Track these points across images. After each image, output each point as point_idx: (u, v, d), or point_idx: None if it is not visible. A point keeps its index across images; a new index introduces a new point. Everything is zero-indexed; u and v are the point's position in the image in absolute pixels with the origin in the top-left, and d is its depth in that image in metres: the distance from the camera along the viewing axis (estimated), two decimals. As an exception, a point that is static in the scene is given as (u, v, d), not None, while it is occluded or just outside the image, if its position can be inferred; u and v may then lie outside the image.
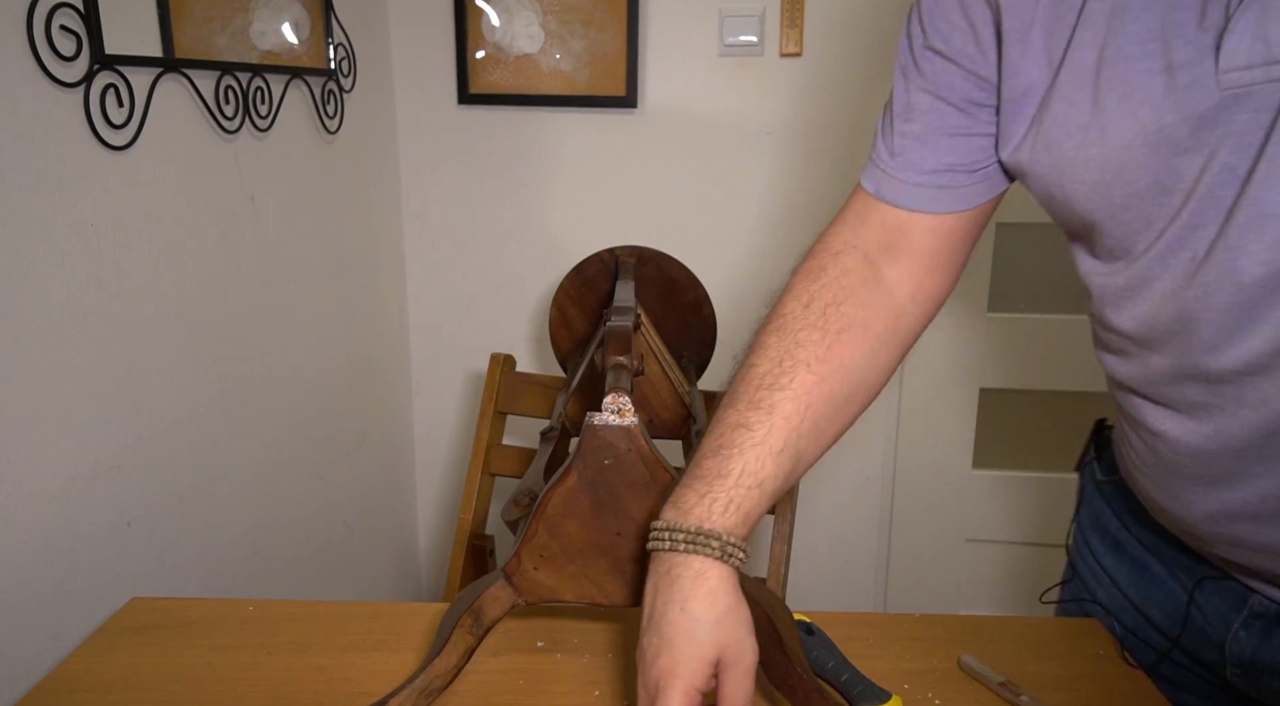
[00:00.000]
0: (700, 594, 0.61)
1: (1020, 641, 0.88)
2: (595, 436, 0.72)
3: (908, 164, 0.71)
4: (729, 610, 0.62)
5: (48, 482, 0.92)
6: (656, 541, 0.64)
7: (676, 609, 0.61)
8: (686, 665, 0.60)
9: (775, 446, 0.65)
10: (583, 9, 1.68)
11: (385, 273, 1.78)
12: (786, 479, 0.67)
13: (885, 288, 0.73)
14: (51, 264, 0.91)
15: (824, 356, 0.69)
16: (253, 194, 1.27)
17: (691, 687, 0.60)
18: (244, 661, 0.84)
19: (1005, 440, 1.96)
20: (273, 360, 1.34)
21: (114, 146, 0.99)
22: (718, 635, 0.61)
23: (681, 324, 1.30)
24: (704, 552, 0.62)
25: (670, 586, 0.62)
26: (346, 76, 1.53)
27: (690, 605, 0.61)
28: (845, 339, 0.70)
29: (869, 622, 0.92)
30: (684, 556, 0.62)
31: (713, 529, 0.62)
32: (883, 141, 0.73)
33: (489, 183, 1.82)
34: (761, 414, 0.66)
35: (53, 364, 0.92)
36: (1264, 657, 0.69)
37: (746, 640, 0.62)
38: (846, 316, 0.70)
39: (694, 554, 0.62)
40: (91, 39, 0.93)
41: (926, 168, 0.70)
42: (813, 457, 0.70)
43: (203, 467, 1.18)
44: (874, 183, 0.73)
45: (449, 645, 0.76)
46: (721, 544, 0.62)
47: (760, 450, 0.65)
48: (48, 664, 0.91)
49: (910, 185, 0.71)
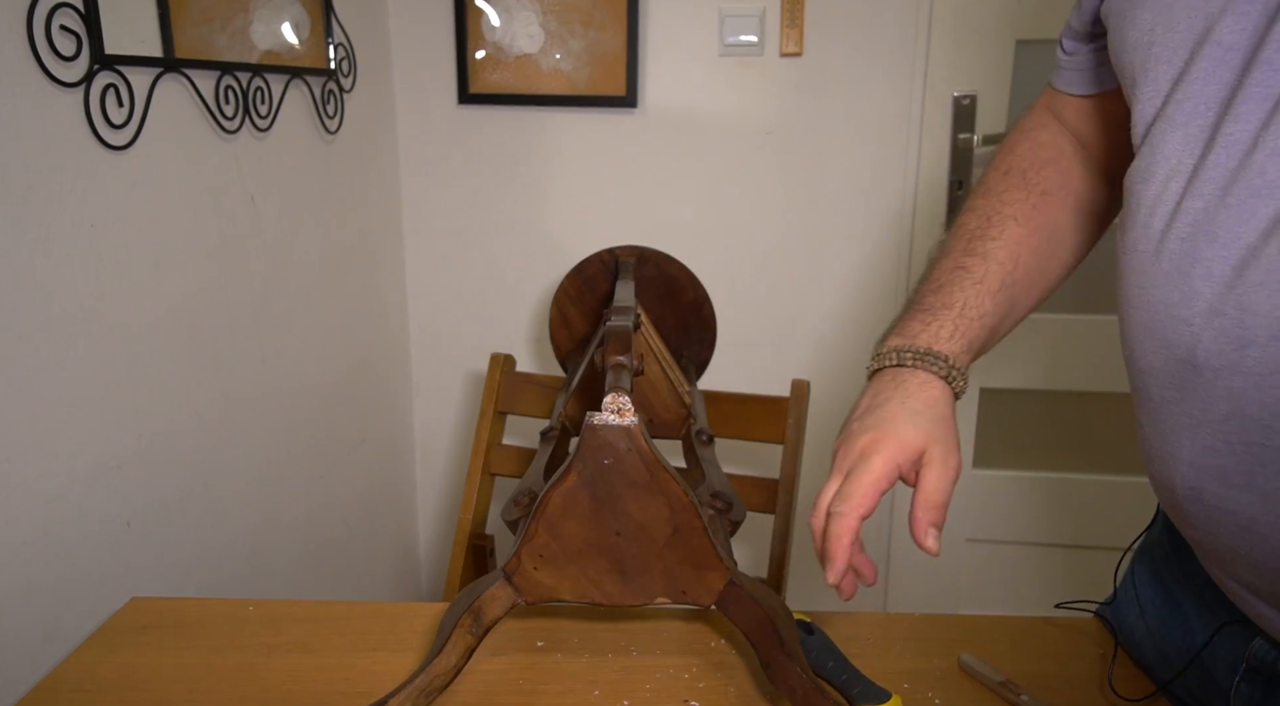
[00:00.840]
0: (924, 395, 0.64)
1: (1020, 641, 0.88)
2: (595, 436, 0.72)
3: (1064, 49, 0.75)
4: (946, 418, 0.64)
5: (48, 482, 0.92)
6: (882, 359, 0.67)
7: (898, 402, 0.63)
8: (897, 440, 0.62)
9: (993, 286, 0.69)
10: (583, 9, 1.69)
11: (385, 273, 1.78)
12: (1003, 319, 0.70)
13: (1081, 159, 0.76)
14: (51, 264, 0.91)
15: (1030, 214, 0.72)
16: (253, 194, 1.27)
17: (893, 460, 0.61)
18: (244, 661, 0.84)
19: (1005, 440, 1.96)
20: (273, 360, 1.34)
21: (114, 146, 0.99)
22: (933, 431, 0.62)
23: (681, 324, 1.30)
24: (931, 369, 0.64)
25: (894, 387, 0.64)
26: (346, 76, 1.53)
27: (912, 402, 0.63)
28: (1048, 200, 0.73)
29: (869, 622, 0.92)
30: (911, 370, 0.65)
31: (940, 351, 0.65)
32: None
33: (489, 183, 1.82)
34: (976, 259, 0.70)
35: (53, 364, 0.92)
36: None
37: (956, 450, 0.63)
38: (1048, 180, 0.74)
39: (921, 368, 0.65)
40: (91, 39, 0.93)
41: (1067, 49, 0.74)
42: (1025, 308, 0.72)
43: (203, 467, 1.18)
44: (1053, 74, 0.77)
45: (449, 645, 0.76)
46: (948, 365, 0.65)
47: (980, 288, 0.68)
48: (48, 664, 0.91)
49: (1063, 69, 0.75)
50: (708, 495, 0.88)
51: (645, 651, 0.86)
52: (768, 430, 1.32)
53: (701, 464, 1.01)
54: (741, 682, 0.82)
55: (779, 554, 1.25)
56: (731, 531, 0.86)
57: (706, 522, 0.75)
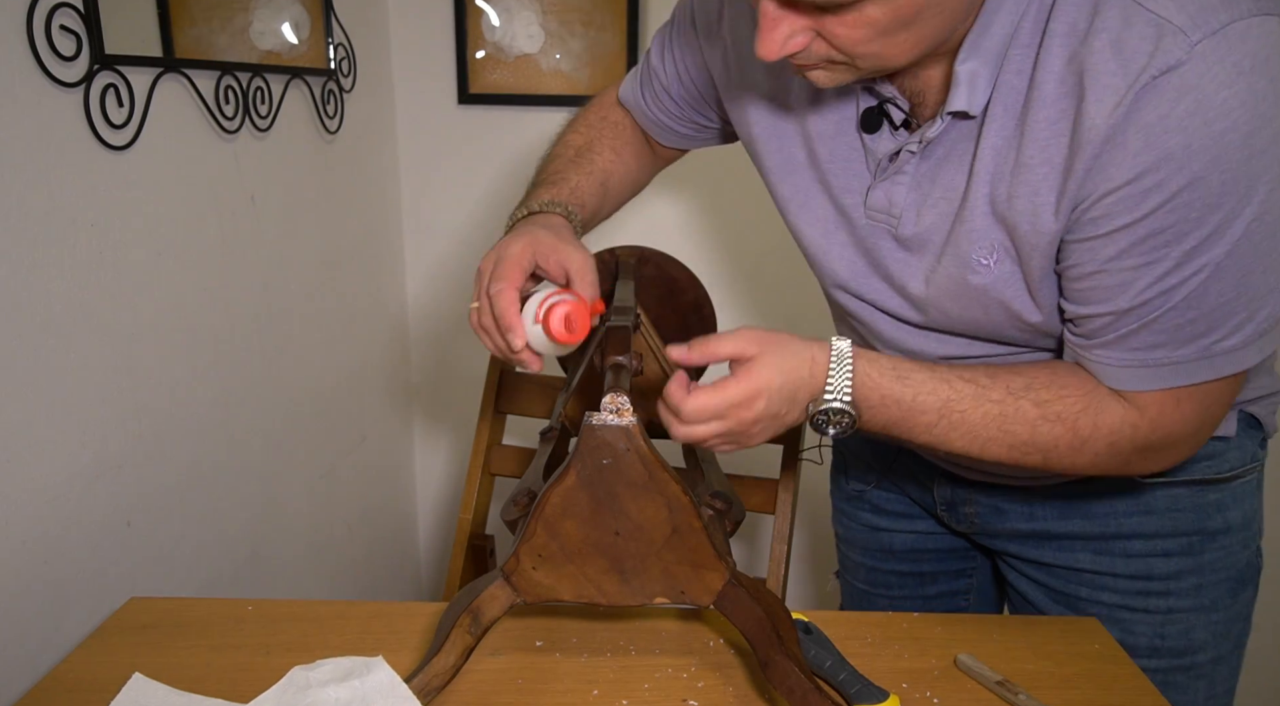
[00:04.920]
0: (547, 221, 0.87)
1: (1017, 640, 0.88)
2: (594, 436, 0.72)
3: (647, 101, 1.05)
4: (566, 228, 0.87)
5: (48, 482, 0.92)
6: (515, 214, 0.91)
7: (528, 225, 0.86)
8: (529, 236, 0.82)
9: (595, 181, 0.98)
10: (583, 9, 1.69)
11: (385, 273, 1.78)
12: (597, 209, 0.98)
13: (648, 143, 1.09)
14: (51, 264, 0.91)
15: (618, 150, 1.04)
16: (253, 194, 1.27)
17: (529, 248, 0.81)
18: (243, 661, 0.84)
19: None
20: (272, 360, 1.34)
21: (114, 146, 0.99)
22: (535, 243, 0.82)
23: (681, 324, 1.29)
24: (555, 211, 0.89)
25: (526, 223, 0.87)
26: (346, 76, 1.54)
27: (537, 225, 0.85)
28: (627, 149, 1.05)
29: (867, 622, 0.92)
30: (541, 214, 0.89)
31: (560, 200, 0.91)
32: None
33: (489, 183, 1.82)
34: (584, 162, 0.98)
35: (53, 364, 0.92)
36: (958, 496, 0.99)
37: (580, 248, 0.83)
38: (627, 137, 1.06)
39: (547, 211, 0.89)
40: (91, 39, 0.93)
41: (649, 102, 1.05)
42: (608, 210, 1.03)
43: (203, 467, 1.18)
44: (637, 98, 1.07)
45: (448, 644, 0.77)
46: (566, 207, 0.89)
47: (588, 180, 0.97)
48: (47, 663, 0.91)
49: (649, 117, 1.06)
50: (707, 495, 0.89)
51: (644, 651, 0.86)
52: (767, 430, 1.31)
53: (701, 464, 1.01)
54: (740, 682, 0.82)
55: (779, 554, 1.25)
56: (731, 531, 0.86)
57: (705, 522, 0.75)
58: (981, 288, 0.75)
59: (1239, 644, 0.93)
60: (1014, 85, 0.68)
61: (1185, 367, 0.69)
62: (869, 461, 1.09)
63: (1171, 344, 0.69)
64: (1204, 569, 0.89)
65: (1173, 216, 0.64)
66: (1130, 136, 0.62)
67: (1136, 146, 0.62)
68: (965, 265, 0.74)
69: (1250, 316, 0.67)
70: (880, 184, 0.79)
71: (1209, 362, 0.69)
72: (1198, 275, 0.65)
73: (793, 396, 0.74)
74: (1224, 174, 0.62)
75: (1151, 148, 0.62)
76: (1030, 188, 0.69)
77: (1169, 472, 0.86)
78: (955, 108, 0.70)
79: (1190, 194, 0.62)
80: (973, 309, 0.77)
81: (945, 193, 0.75)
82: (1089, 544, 0.91)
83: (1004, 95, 0.69)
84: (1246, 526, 0.90)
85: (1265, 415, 0.90)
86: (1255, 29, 0.60)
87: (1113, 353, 0.71)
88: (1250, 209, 0.63)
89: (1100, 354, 0.72)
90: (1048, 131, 0.67)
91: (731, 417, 0.73)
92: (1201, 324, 0.67)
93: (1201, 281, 0.65)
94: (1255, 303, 0.67)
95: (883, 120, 0.78)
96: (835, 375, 0.73)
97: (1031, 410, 0.73)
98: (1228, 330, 0.68)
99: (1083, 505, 0.91)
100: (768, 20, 0.64)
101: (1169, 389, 0.70)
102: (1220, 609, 0.90)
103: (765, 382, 0.72)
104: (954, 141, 0.74)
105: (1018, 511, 0.95)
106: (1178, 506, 0.88)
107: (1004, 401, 0.74)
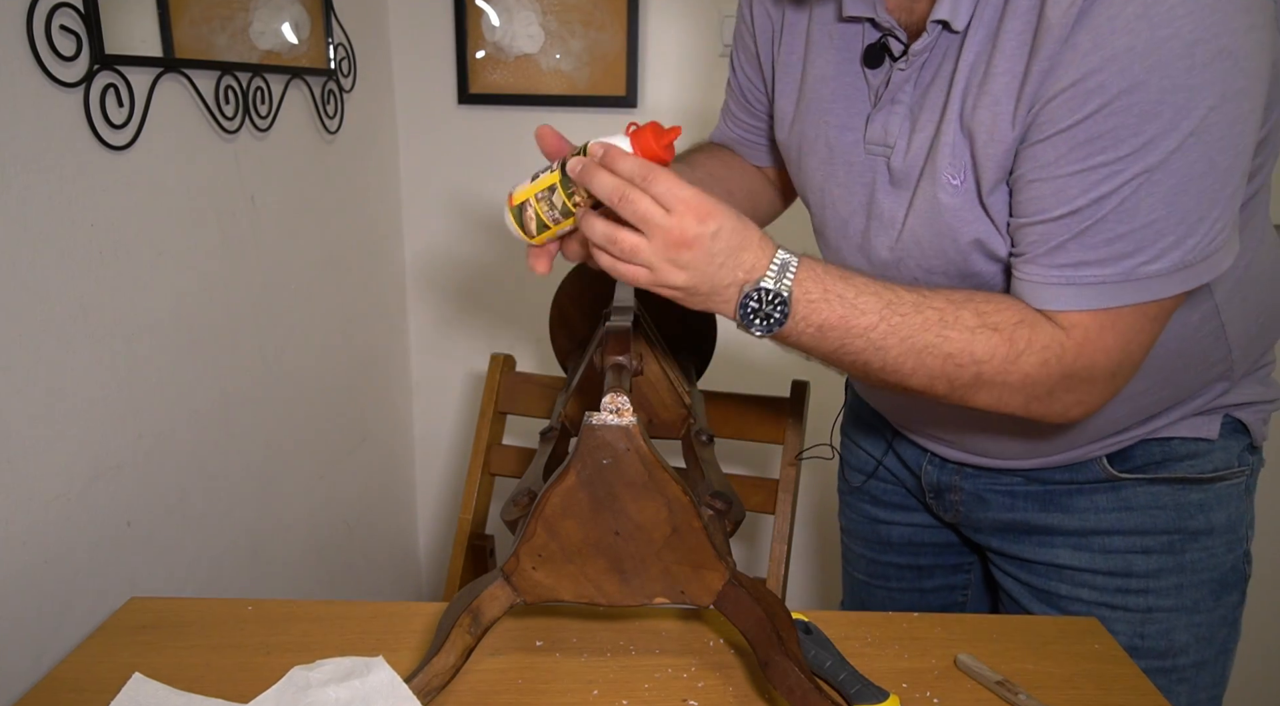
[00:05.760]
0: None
1: (1017, 640, 0.88)
2: (594, 436, 0.72)
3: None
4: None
5: (48, 483, 0.92)
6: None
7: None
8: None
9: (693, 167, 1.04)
10: (583, 9, 1.69)
11: (385, 273, 1.78)
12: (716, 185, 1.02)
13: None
14: (51, 264, 0.91)
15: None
16: (253, 194, 1.27)
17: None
18: (243, 661, 0.84)
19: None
20: (272, 360, 1.34)
21: (114, 146, 0.99)
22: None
23: (681, 324, 1.29)
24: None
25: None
26: (346, 76, 1.54)
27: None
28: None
29: (867, 622, 0.92)
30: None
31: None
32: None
33: (489, 183, 1.82)
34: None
35: (53, 364, 0.92)
36: (944, 481, 1.01)
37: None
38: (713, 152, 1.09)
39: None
40: (91, 39, 0.93)
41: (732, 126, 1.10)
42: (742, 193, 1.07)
43: (203, 467, 1.18)
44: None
45: (447, 644, 0.77)
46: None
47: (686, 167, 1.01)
48: (48, 663, 0.91)
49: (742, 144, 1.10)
50: (707, 495, 0.89)
51: (644, 651, 0.86)
52: (768, 430, 1.32)
53: (701, 464, 1.01)
54: (740, 682, 0.82)
55: (779, 554, 1.25)
56: (731, 531, 0.86)
57: (705, 522, 0.75)
58: (952, 208, 0.75)
59: (1224, 650, 0.93)
60: (992, 2, 0.70)
61: (1110, 289, 0.70)
62: (868, 449, 1.12)
63: (1099, 263, 0.69)
64: (1185, 568, 0.89)
65: (1110, 122, 0.64)
66: (1081, 37, 0.64)
67: (1086, 47, 0.64)
68: (937, 184, 0.76)
69: (1178, 242, 0.68)
70: (878, 114, 0.81)
71: (1133, 285, 0.69)
72: (1129, 185, 0.66)
73: (737, 250, 0.71)
74: (1163, 81, 0.62)
75: (1099, 48, 0.63)
76: (992, 97, 0.70)
77: (1149, 469, 0.88)
78: (939, 16, 0.72)
79: (1129, 98, 0.63)
80: (944, 238, 0.78)
81: (930, 115, 0.77)
82: (1069, 538, 0.92)
83: (983, 10, 0.71)
84: (1231, 530, 0.90)
85: (1254, 422, 0.91)
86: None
87: (1042, 269, 0.72)
88: (1187, 122, 0.63)
89: (1030, 270, 0.72)
90: (1014, 41, 0.68)
91: (676, 223, 0.69)
92: (1130, 242, 0.68)
93: (1133, 191, 0.66)
94: (1184, 227, 0.67)
95: (884, 55, 0.80)
96: (781, 257, 0.72)
97: (971, 318, 0.73)
98: (1154, 253, 0.68)
99: (1063, 499, 0.92)
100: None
101: (1094, 311, 0.71)
102: (1202, 611, 0.90)
103: (723, 214, 0.70)
104: (940, 61, 0.76)
105: (999, 502, 0.97)
106: (1158, 504, 0.89)
107: (944, 309, 0.73)
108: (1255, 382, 0.90)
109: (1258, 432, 0.91)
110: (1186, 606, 0.90)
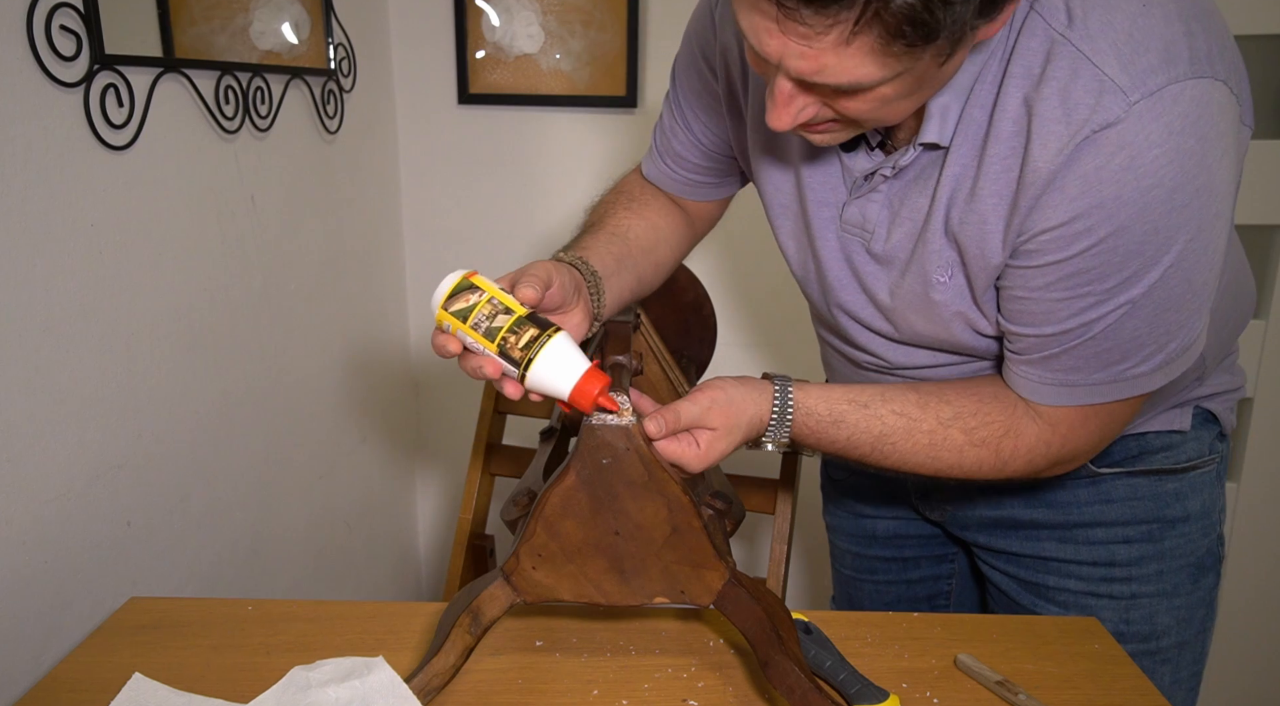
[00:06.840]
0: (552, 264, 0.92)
1: (1017, 640, 0.89)
2: (594, 436, 0.72)
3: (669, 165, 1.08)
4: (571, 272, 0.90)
5: (48, 482, 0.92)
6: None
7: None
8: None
9: (608, 231, 1.00)
10: (583, 9, 1.69)
11: (385, 273, 1.78)
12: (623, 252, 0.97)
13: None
14: (51, 264, 0.91)
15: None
16: (253, 194, 1.27)
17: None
18: (243, 661, 0.84)
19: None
20: (273, 360, 1.34)
21: (114, 146, 0.99)
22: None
23: (681, 324, 1.30)
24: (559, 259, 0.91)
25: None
26: (346, 76, 1.54)
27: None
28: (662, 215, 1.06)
29: (867, 622, 0.92)
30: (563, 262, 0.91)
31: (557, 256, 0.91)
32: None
33: (489, 183, 1.82)
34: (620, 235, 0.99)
35: (53, 364, 0.92)
36: (930, 481, 0.99)
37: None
38: (638, 199, 1.07)
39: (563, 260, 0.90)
40: (91, 39, 0.93)
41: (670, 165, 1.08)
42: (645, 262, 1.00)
43: (203, 468, 1.18)
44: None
45: (447, 644, 0.77)
46: (571, 256, 0.90)
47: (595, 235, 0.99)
48: (48, 663, 0.91)
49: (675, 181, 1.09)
50: (707, 495, 0.89)
51: (644, 651, 0.86)
52: (767, 430, 1.32)
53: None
54: (740, 682, 0.82)
55: (779, 554, 1.25)
56: (731, 531, 0.86)
57: (705, 522, 0.75)
58: (942, 302, 0.80)
59: (1203, 630, 0.98)
60: (976, 119, 0.73)
61: (1098, 389, 0.76)
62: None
63: (1088, 368, 0.75)
64: (1165, 555, 0.93)
65: (1098, 259, 0.69)
66: (1069, 182, 0.68)
67: (1074, 192, 0.68)
68: (926, 282, 0.80)
69: (1160, 348, 0.74)
70: (855, 200, 0.84)
71: (1119, 386, 0.76)
72: (1116, 312, 0.71)
73: (744, 427, 0.80)
74: (1147, 225, 0.67)
75: (1086, 195, 0.67)
76: (979, 216, 0.74)
77: (1126, 463, 0.92)
78: (927, 139, 0.75)
79: (1116, 240, 0.68)
80: (935, 323, 0.82)
81: (911, 214, 0.80)
82: (1054, 532, 0.96)
83: (967, 127, 0.74)
84: (1206, 515, 0.95)
85: (1223, 411, 0.96)
86: (1189, 91, 0.65)
87: (1036, 370, 0.78)
88: (1168, 257, 0.68)
89: (1025, 370, 0.78)
90: (999, 166, 0.72)
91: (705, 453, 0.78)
92: (1116, 353, 0.74)
93: (1119, 317, 0.72)
94: (1165, 337, 0.73)
95: (860, 140, 0.82)
96: (774, 427, 0.81)
97: (959, 437, 0.81)
98: (1139, 359, 0.74)
99: (1046, 495, 0.96)
100: (783, 97, 0.68)
101: (1080, 407, 0.78)
102: (1182, 594, 0.95)
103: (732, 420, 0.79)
104: (922, 167, 0.78)
105: (986, 500, 1.00)
106: (1137, 495, 0.93)
107: (934, 432, 0.81)
108: (1223, 372, 0.95)
109: (1226, 421, 0.96)
110: (1167, 591, 0.94)
